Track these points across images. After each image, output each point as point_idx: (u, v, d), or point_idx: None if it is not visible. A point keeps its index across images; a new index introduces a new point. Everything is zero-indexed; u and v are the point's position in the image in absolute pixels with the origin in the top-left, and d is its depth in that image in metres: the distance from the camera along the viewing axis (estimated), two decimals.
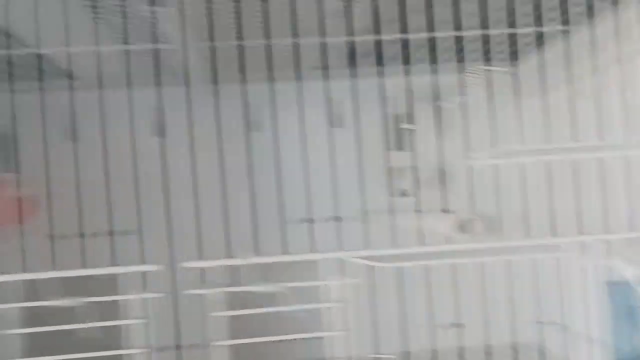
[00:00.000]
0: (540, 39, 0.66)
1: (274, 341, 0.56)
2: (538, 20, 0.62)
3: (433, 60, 0.68)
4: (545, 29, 0.61)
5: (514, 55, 0.79)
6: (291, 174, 0.65)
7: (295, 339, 0.56)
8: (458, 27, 0.63)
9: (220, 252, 0.58)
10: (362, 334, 0.58)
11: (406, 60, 0.84)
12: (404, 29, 0.70)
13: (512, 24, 0.63)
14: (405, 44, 0.81)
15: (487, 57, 0.70)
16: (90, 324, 0.54)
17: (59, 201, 0.64)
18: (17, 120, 1.01)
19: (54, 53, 0.82)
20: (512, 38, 0.66)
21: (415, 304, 0.60)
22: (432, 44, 0.68)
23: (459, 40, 0.67)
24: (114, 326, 0.55)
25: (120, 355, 0.54)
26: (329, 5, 0.67)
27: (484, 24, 0.61)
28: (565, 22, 0.62)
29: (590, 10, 0.60)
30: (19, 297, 0.56)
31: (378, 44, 0.77)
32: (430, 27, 0.63)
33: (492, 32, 0.58)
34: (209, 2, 0.57)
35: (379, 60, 0.88)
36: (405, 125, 1.09)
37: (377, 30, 0.67)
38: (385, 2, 0.61)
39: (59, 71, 0.94)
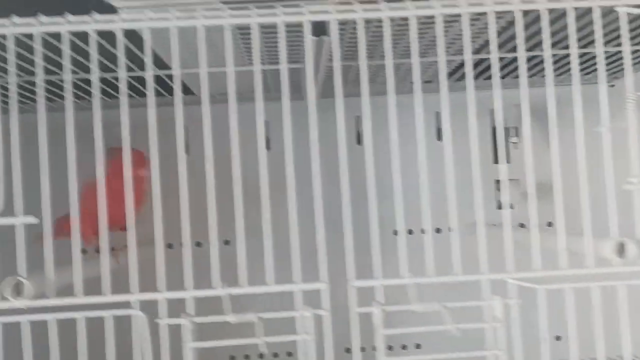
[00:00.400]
0: None
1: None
2: None
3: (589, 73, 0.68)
4: None
5: None
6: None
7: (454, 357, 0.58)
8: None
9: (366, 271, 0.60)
10: (519, 352, 0.59)
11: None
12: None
13: None
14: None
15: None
16: (263, 339, 0.56)
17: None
18: (138, 133, 1.07)
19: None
20: None
21: (569, 324, 0.60)
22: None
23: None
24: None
25: None
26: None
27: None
28: None
29: None
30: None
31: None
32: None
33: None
34: (374, 28, 0.59)
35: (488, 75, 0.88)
36: (513, 139, 1.10)
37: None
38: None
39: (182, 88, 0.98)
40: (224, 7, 0.57)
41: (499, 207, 1.07)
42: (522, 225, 1.10)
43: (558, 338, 1.06)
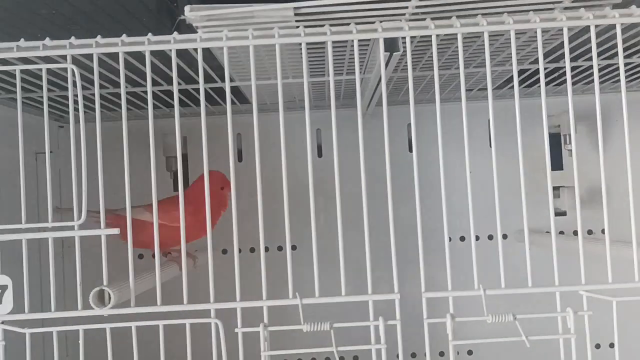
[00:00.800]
0: None
1: None
2: None
3: None
4: None
5: None
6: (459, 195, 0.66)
7: None
8: None
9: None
10: None
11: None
12: None
13: None
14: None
15: None
16: (338, 348, 0.58)
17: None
18: (190, 141, 1.10)
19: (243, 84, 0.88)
20: None
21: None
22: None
23: None
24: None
25: None
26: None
27: None
28: None
29: None
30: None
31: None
32: None
33: None
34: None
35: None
36: (568, 146, 1.09)
37: None
38: None
39: (237, 98, 1.01)
40: (300, 25, 0.58)
41: (556, 214, 1.07)
42: (575, 233, 1.09)
43: (612, 345, 1.06)
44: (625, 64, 0.84)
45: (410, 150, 1.12)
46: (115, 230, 0.60)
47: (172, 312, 0.60)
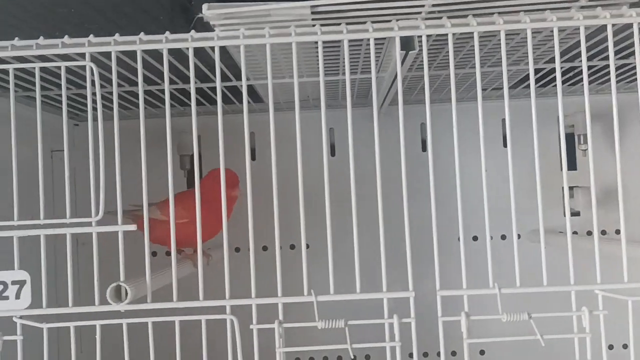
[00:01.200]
0: None
1: None
2: None
3: None
4: None
5: None
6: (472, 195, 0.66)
7: None
8: None
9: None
10: None
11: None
12: None
13: None
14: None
15: None
16: (352, 346, 0.58)
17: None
18: (204, 140, 1.10)
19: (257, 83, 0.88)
20: None
21: None
22: None
23: None
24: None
25: None
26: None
27: None
28: None
29: None
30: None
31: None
32: None
33: None
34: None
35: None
36: (582, 146, 1.09)
37: None
38: None
39: (253, 97, 1.01)
40: (316, 23, 0.58)
41: (571, 214, 1.07)
42: (589, 233, 1.09)
43: (625, 346, 1.05)
44: None
45: (423, 149, 1.12)
46: (133, 227, 0.60)
47: (187, 308, 0.61)
